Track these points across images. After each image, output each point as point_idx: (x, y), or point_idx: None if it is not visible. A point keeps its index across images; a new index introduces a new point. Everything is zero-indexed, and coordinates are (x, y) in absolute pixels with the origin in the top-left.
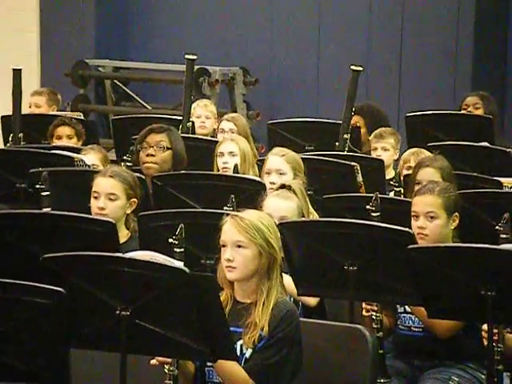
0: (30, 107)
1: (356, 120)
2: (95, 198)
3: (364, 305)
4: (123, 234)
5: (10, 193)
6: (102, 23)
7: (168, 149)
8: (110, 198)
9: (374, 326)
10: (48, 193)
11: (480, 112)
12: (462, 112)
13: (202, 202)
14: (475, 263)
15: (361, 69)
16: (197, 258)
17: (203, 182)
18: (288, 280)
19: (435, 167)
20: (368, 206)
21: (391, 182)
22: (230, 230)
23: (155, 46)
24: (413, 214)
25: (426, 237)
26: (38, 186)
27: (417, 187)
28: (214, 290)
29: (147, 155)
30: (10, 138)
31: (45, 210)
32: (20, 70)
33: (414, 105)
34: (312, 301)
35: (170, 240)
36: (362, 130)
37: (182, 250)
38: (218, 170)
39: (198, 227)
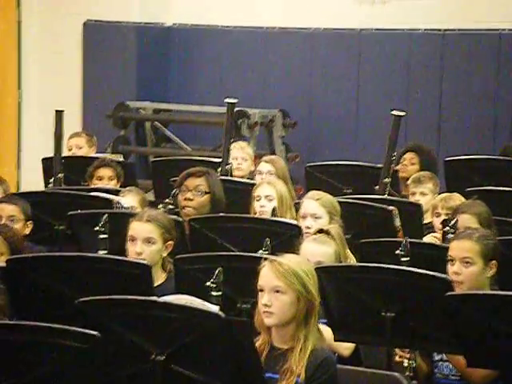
0: (70, 150)
1: (411, 156)
2: (132, 241)
3: (397, 350)
4: (160, 276)
5: (49, 235)
6: (143, 66)
7: (206, 193)
8: (147, 242)
9: (408, 373)
10: (106, 236)
11: None
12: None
13: (238, 245)
14: None
15: (403, 114)
16: (233, 302)
17: (240, 225)
18: (323, 329)
19: (472, 213)
20: (397, 251)
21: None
22: (268, 275)
23: (195, 89)
24: (449, 258)
25: (462, 284)
26: (97, 229)
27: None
28: (249, 335)
29: (185, 199)
30: (52, 180)
31: (101, 252)
32: (62, 111)
33: (453, 149)
34: (345, 351)
35: (208, 283)
36: (415, 167)
37: (220, 293)
38: (255, 213)
39: (235, 271)
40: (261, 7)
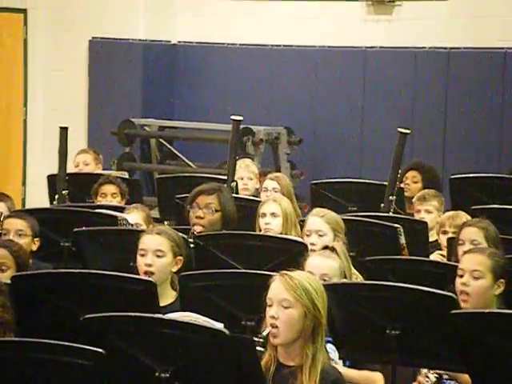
0: (77, 166)
1: (413, 175)
2: (142, 255)
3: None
4: (170, 295)
5: (54, 251)
6: (148, 83)
7: (217, 211)
8: (157, 254)
9: None
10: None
11: None
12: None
13: (243, 262)
14: None
15: (408, 131)
16: (237, 320)
17: (245, 242)
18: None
19: (479, 227)
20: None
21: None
22: (277, 288)
23: (200, 106)
24: (459, 271)
25: (468, 297)
26: None
27: (459, 247)
28: (254, 351)
29: (196, 217)
30: (56, 197)
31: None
32: (66, 128)
33: (458, 166)
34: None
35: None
36: (418, 185)
37: (263, 349)
38: (260, 230)
39: (240, 288)
40: (266, 25)
